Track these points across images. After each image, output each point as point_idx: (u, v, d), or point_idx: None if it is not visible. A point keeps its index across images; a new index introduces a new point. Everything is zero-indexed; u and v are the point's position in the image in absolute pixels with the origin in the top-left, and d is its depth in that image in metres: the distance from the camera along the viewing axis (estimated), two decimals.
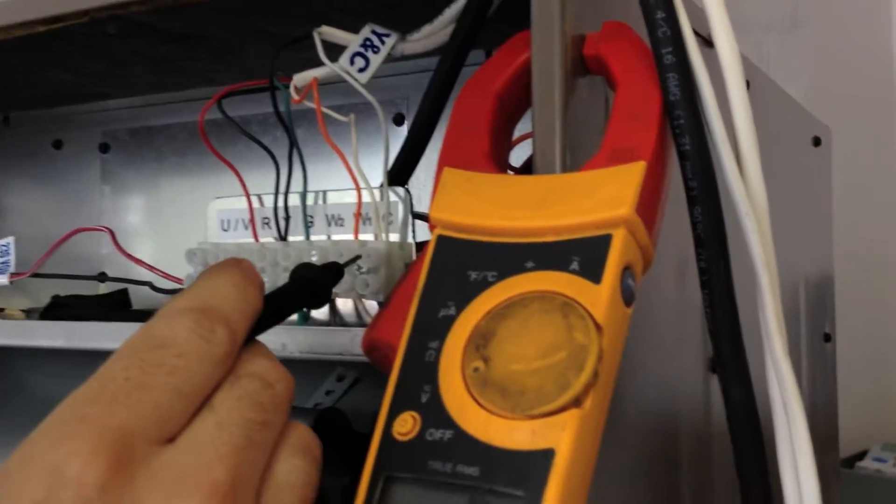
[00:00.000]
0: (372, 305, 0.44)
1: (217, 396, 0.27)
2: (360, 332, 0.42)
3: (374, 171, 0.47)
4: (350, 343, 0.40)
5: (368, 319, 0.42)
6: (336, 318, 0.44)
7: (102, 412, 0.24)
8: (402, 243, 0.43)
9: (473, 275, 0.31)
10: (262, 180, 0.51)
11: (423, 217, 0.46)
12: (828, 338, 0.90)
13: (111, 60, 0.58)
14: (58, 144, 0.90)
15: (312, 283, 0.34)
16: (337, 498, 0.58)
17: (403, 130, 0.67)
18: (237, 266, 0.30)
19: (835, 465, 0.87)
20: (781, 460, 0.32)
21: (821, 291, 0.86)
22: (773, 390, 0.32)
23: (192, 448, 0.25)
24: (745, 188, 0.31)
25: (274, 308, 0.31)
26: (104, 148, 0.88)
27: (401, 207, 0.43)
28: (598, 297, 0.29)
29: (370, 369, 0.56)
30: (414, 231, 0.43)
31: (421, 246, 0.45)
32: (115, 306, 0.64)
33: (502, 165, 0.36)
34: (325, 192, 0.45)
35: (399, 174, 0.44)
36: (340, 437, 0.52)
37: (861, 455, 1.20)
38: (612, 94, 0.41)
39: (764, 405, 0.35)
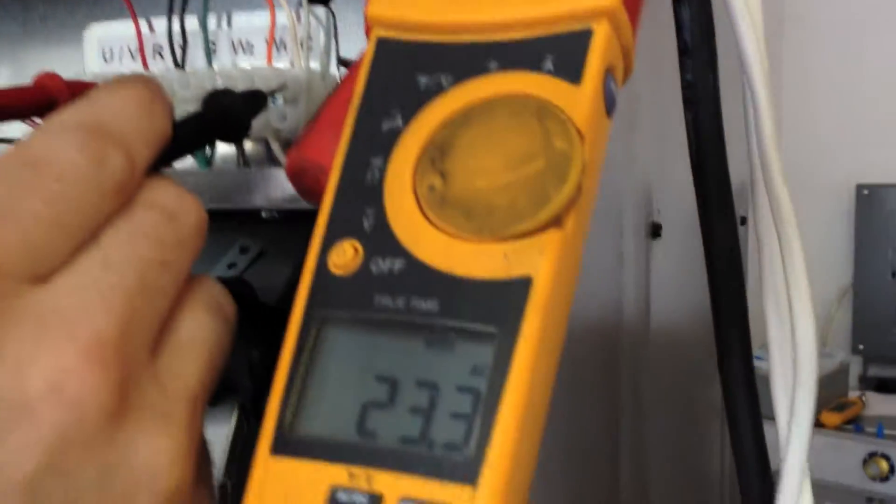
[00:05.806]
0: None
1: (106, 231, 0.21)
2: (278, 172, 0.36)
3: None
4: (268, 186, 0.34)
5: (283, 160, 0.36)
6: (243, 161, 0.37)
7: None
8: (324, 73, 0.36)
9: (424, 80, 0.26)
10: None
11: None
12: (743, 221, 0.90)
13: None
14: None
15: (230, 111, 0.28)
16: (244, 374, 0.53)
17: None
18: (143, 81, 0.24)
19: None
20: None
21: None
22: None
23: (70, 290, 0.20)
24: None
25: (184, 136, 0.25)
26: None
27: (322, 32, 0.37)
28: (579, 99, 0.24)
29: (277, 237, 0.49)
30: (339, 59, 0.37)
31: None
32: None
33: None
34: (229, 14, 0.38)
35: None
36: (248, 310, 0.47)
37: None
38: None
39: None
